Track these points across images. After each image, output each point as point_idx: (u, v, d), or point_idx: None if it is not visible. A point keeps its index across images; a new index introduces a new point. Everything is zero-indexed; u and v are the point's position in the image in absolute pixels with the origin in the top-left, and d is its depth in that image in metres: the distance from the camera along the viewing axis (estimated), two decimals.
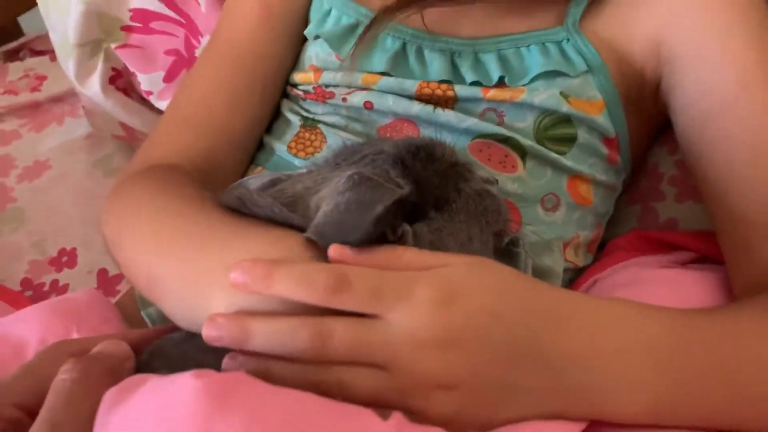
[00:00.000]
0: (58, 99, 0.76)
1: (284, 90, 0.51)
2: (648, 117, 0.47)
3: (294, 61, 0.51)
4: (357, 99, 0.46)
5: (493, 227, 0.34)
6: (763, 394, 0.31)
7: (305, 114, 0.48)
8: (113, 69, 0.64)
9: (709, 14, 0.42)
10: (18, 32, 0.86)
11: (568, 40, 0.45)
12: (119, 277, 0.63)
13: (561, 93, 0.44)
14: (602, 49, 0.45)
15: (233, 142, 0.47)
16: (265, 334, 0.27)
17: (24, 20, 0.87)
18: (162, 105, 0.65)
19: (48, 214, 0.66)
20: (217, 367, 0.28)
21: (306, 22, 0.50)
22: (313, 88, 0.48)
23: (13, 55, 0.85)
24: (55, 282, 0.62)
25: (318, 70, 0.48)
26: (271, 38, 0.49)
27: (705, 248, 0.45)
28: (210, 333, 0.27)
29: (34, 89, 0.77)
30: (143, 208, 0.38)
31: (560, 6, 0.45)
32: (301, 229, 0.30)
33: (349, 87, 0.46)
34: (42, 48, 0.84)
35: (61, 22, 0.64)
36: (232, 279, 0.28)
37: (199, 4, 0.59)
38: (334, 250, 0.28)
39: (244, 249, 0.30)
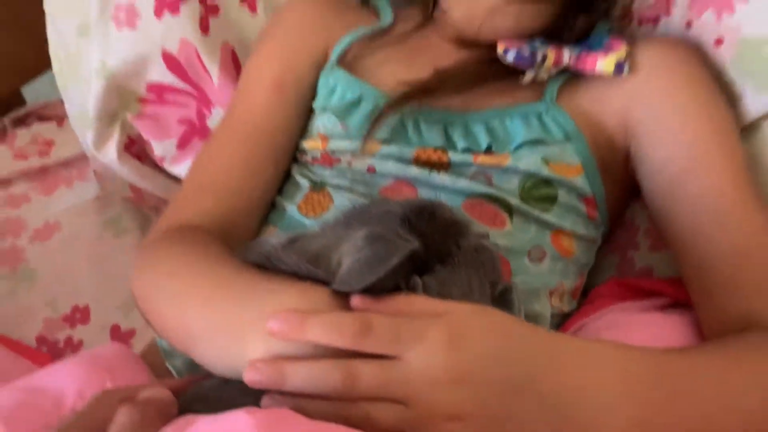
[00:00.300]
0: (66, 163, 0.80)
1: (294, 155, 0.56)
2: (622, 179, 0.53)
3: (303, 129, 0.56)
4: (361, 164, 0.51)
5: (489, 277, 0.39)
6: (732, 417, 0.36)
7: (313, 177, 0.53)
8: (128, 137, 0.68)
9: (669, 95, 0.49)
10: (20, 102, 0.90)
11: (548, 112, 0.51)
12: (132, 333, 0.67)
13: (542, 159, 0.49)
14: (578, 120, 0.51)
15: (249, 205, 0.52)
16: (301, 376, 0.31)
17: (26, 90, 0.91)
18: (174, 169, 0.69)
19: (60, 273, 0.69)
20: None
21: (313, 95, 0.56)
22: (321, 154, 0.53)
23: (21, 122, 0.88)
24: (69, 338, 0.65)
25: (325, 138, 0.53)
26: (284, 111, 0.55)
27: (678, 294, 0.49)
28: (252, 377, 0.31)
29: (43, 154, 0.81)
30: (177, 266, 0.42)
31: (540, 85, 0.52)
32: (324, 282, 0.35)
33: (353, 153, 0.51)
34: (49, 114, 0.88)
35: (78, 95, 0.68)
36: (269, 328, 0.32)
37: (211, 78, 0.64)
38: (357, 300, 0.33)
39: (278, 301, 0.34)
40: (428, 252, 0.36)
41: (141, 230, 0.75)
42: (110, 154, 0.68)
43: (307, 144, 0.55)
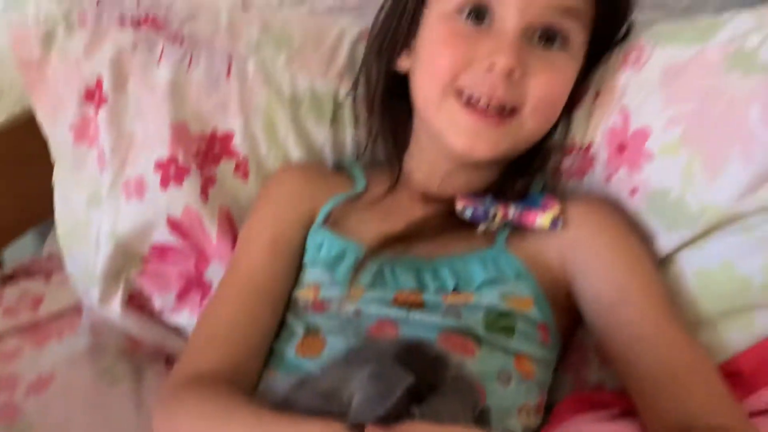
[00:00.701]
0: (56, 317, 0.81)
1: (288, 304, 0.63)
2: (568, 308, 0.62)
3: (295, 281, 0.64)
4: (349, 308, 0.59)
5: (469, 402, 0.46)
6: None
7: (308, 323, 0.60)
8: (130, 293, 0.74)
9: (596, 242, 0.60)
10: None
11: (500, 256, 0.61)
12: None
13: (500, 295, 0.58)
14: (526, 261, 0.61)
15: (252, 352, 0.59)
16: None
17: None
18: (172, 320, 0.74)
19: (56, 424, 0.69)
20: None
21: (302, 252, 0.65)
22: (313, 301, 0.61)
23: (8, 279, 0.91)
24: None
25: (316, 288, 0.61)
26: (278, 269, 0.63)
27: (627, 404, 0.57)
28: None
29: (32, 310, 0.83)
30: (209, 409, 0.50)
31: (491, 234, 0.62)
32: (337, 416, 0.42)
33: (342, 299, 0.60)
34: (36, 270, 0.92)
35: (83, 257, 0.74)
36: None
37: (210, 238, 0.72)
38: (370, 430, 0.40)
39: None
40: (420, 384, 0.44)
41: (135, 379, 0.76)
42: (114, 309, 0.73)
43: (300, 294, 0.62)
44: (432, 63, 0.62)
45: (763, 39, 0.55)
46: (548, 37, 0.60)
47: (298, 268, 0.64)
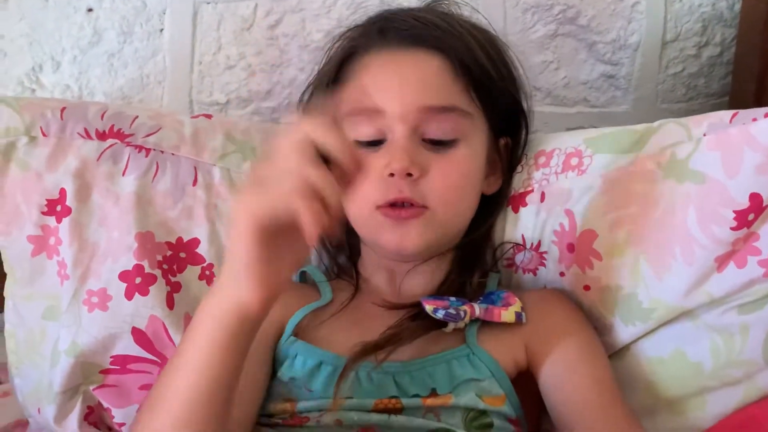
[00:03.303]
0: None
1: (263, 421, 0.62)
2: (536, 397, 0.64)
3: (259, 398, 0.62)
4: (328, 418, 0.59)
5: None
6: None
7: None
8: (88, 407, 0.71)
9: (552, 331, 0.64)
10: None
11: (473, 353, 0.63)
12: None
13: (476, 394, 0.61)
14: (496, 355, 0.63)
15: None
16: None
17: None
18: None
19: None
20: None
21: (269, 365, 0.64)
22: (290, 415, 0.61)
23: None
24: None
25: (293, 402, 0.61)
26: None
27: None
28: None
29: None
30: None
31: (460, 331, 0.65)
32: None
33: (320, 411, 0.60)
34: None
35: (36, 373, 0.72)
36: None
37: (174, 344, 0.71)
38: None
39: None
40: None
41: None
42: (72, 425, 0.70)
43: (275, 408, 0.62)
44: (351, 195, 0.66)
45: (692, 150, 0.62)
46: (432, 139, 0.65)
47: (264, 384, 0.63)
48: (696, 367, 0.63)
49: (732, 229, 0.58)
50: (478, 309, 0.65)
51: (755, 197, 0.56)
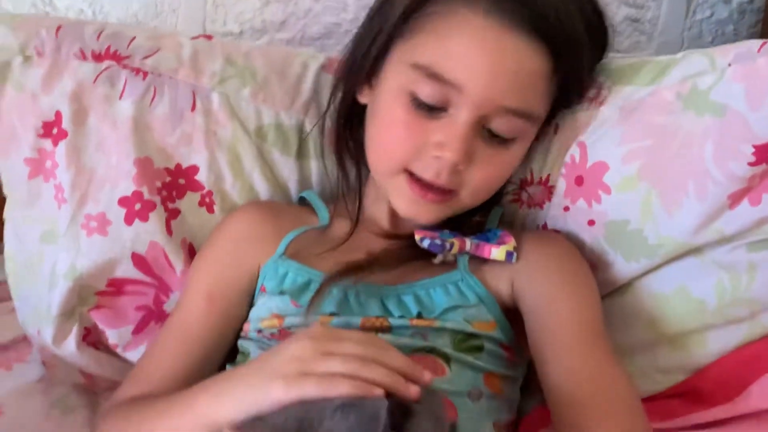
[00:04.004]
0: (4, 347, 0.79)
1: (250, 336, 0.64)
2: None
3: (237, 326, 0.66)
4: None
5: (441, 418, 0.47)
6: None
7: None
8: (85, 328, 0.72)
9: (542, 267, 0.63)
10: None
11: (463, 279, 0.63)
12: None
13: (464, 319, 0.61)
14: (486, 283, 0.63)
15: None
16: None
17: None
18: (128, 355, 0.73)
19: None
20: None
21: (245, 299, 0.67)
22: (279, 330, 0.61)
23: None
24: None
25: (280, 317, 0.62)
26: (212, 319, 0.65)
27: None
28: None
29: None
30: (137, 408, 0.58)
31: (451, 263, 0.64)
32: None
33: (307, 327, 0.59)
34: None
35: (34, 295, 0.72)
36: None
37: (174, 270, 0.71)
38: None
39: None
40: (393, 405, 0.44)
41: (89, 408, 0.74)
42: (70, 347, 0.71)
43: (263, 324, 0.63)
44: (385, 141, 0.63)
45: (715, 81, 0.59)
46: (492, 132, 0.61)
47: (239, 316, 0.66)
48: (699, 304, 0.62)
49: (750, 164, 0.55)
50: (469, 243, 0.64)
51: None
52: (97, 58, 0.71)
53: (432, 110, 0.60)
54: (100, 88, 0.70)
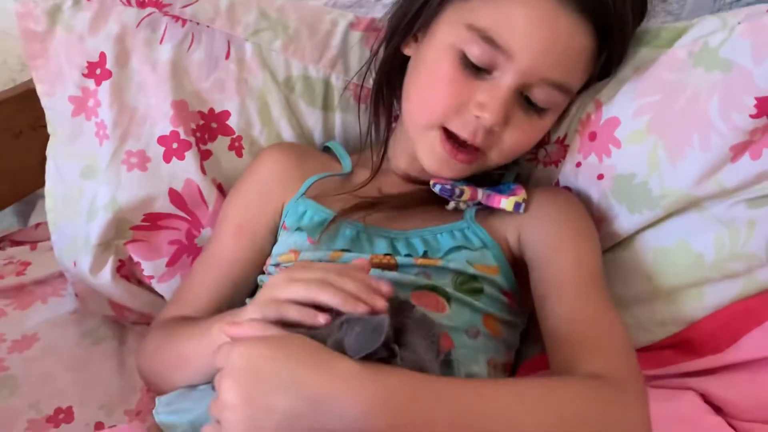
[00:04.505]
0: (41, 282, 0.85)
1: (270, 272, 0.69)
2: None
3: (263, 259, 0.71)
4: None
5: (435, 340, 0.51)
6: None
7: None
8: (120, 260, 0.77)
9: (547, 219, 0.66)
10: None
11: (469, 228, 0.66)
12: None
13: (467, 261, 0.64)
14: (492, 232, 0.66)
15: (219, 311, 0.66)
16: None
17: None
18: (162, 286, 0.77)
19: (41, 379, 0.72)
20: None
21: (270, 234, 0.71)
22: (294, 264, 0.65)
23: None
24: None
25: (297, 252, 0.66)
26: (241, 252, 0.71)
27: None
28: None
29: (19, 273, 0.86)
30: (160, 335, 0.67)
31: (460, 212, 0.68)
32: None
33: (321, 261, 0.64)
34: (21, 240, 0.95)
35: (72, 228, 0.76)
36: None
37: (207, 206, 0.75)
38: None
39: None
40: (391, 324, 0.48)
41: (118, 339, 0.79)
42: (105, 277, 0.76)
43: (282, 258, 0.67)
44: (428, 95, 0.66)
45: (725, 38, 0.60)
46: (530, 100, 0.63)
47: (266, 248, 0.71)
48: (698, 258, 0.64)
49: (752, 116, 0.57)
50: (480, 193, 0.67)
51: None
52: (141, 4, 0.75)
53: (478, 71, 0.62)
54: (142, 32, 0.75)
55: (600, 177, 0.68)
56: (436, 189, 0.66)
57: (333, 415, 0.43)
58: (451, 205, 0.68)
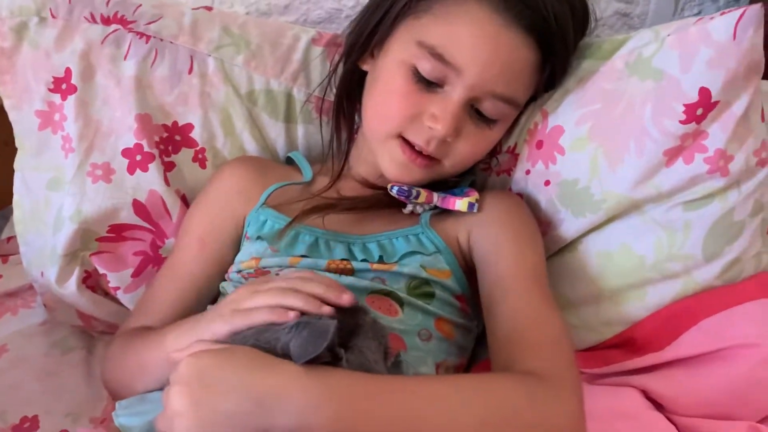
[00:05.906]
0: (12, 294, 0.86)
1: (228, 277, 0.70)
2: None
3: (225, 269, 0.72)
4: (286, 273, 0.65)
5: (383, 342, 0.53)
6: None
7: None
8: (85, 272, 0.78)
9: (494, 219, 0.69)
10: None
11: (423, 233, 0.69)
12: None
13: (420, 265, 0.66)
14: (445, 236, 0.68)
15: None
16: None
17: None
18: (126, 298, 0.78)
19: (8, 390, 0.72)
20: None
21: (233, 244, 0.73)
22: (255, 270, 0.67)
23: None
24: None
25: (258, 259, 0.68)
26: (203, 263, 0.72)
27: None
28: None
29: None
30: (123, 345, 0.67)
31: (417, 216, 0.70)
32: None
33: (280, 267, 0.66)
34: None
35: (39, 239, 0.78)
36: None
37: (170, 216, 0.77)
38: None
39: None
40: (342, 329, 0.50)
41: (86, 348, 0.80)
42: (71, 287, 0.77)
43: (244, 265, 0.69)
44: (384, 108, 0.69)
45: (656, 49, 0.64)
46: (479, 112, 0.67)
47: (229, 258, 0.72)
48: (640, 260, 0.66)
49: (681, 122, 0.60)
50: (436, 196, 0.70)
51: (704, 91, 0.59)
52: (106, 21, 0.77)
53: (429, 85, 0.66)
54: (107, 48, 0.77)
55: (547, 183, 0.71)
56: (393, 191, 0.69)
57: (279, 411, 0.45)
58: (408, 208, 0.70)
